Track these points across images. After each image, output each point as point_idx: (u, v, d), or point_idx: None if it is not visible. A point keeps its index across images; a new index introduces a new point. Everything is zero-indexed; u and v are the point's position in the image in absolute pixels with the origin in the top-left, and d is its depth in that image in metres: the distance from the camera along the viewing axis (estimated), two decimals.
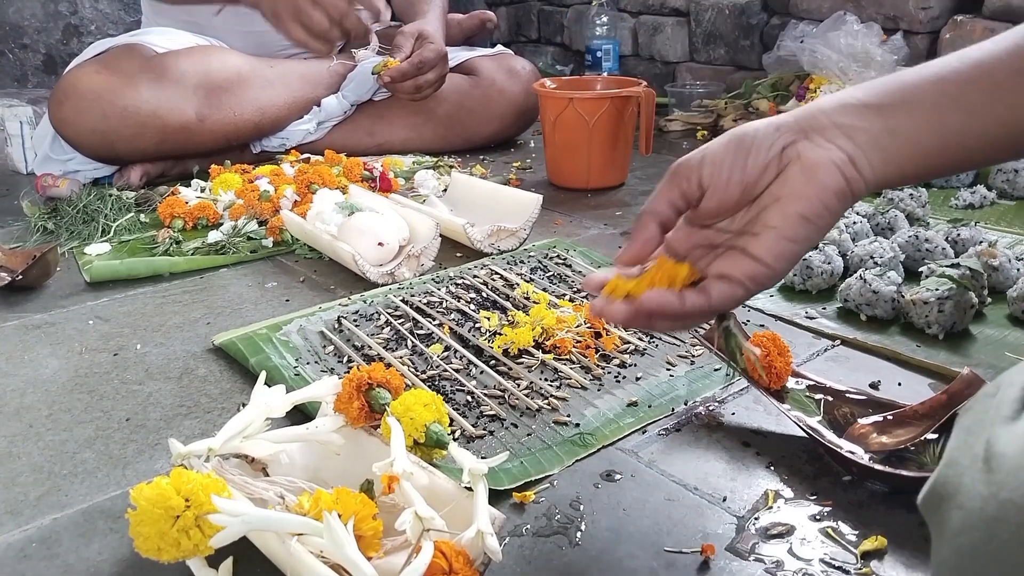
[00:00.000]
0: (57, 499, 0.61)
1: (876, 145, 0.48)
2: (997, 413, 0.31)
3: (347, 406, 0.58)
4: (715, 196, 0.50)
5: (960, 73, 0.47)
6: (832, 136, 0.48)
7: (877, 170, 0.48)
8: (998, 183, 1.21)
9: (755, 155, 0.49)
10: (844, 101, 0.49)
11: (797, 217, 0.48)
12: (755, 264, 0.49)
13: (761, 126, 0.50)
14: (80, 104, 1.28)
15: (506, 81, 1.60)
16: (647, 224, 0.52)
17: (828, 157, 0.48)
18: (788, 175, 0.49)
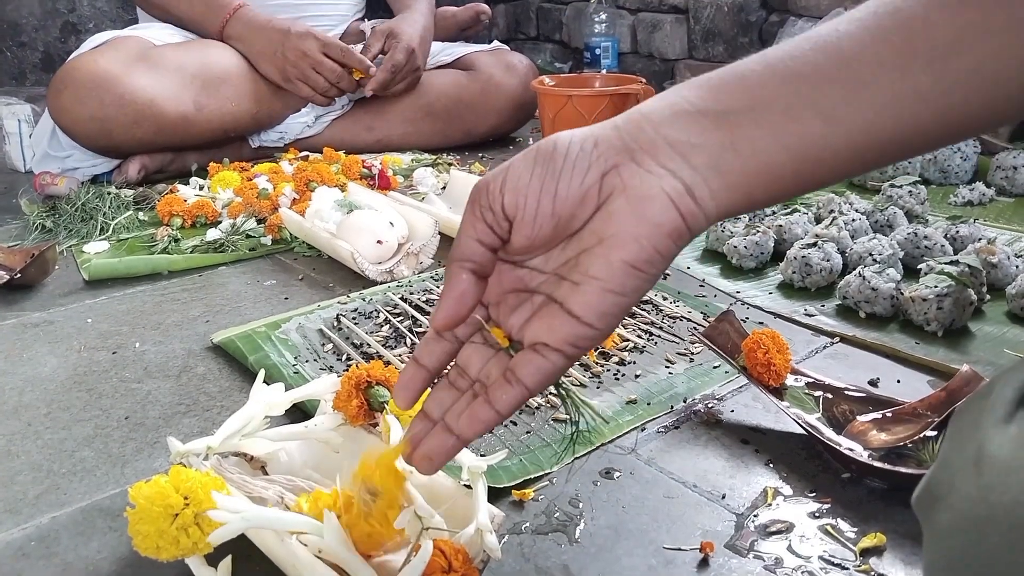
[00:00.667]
0: (56, 497, 0.61)
1: (717, 168, 0.38)
2: (990, 415, 0.30)
3: (346, 404, 0.58)
4: (522, 230, 0.41)
5: (816, 67, 0.38)
6: (664, 158, 0.39)
7: (719, 198, 0.39)
8: (997, 180, 1.21)
9: (567, 180, 0.40)
10: (676, 108, 0.40)
11: (624, 266, 0.38)
12: (575, 325, 0.39)
13: (576, 140, 0.40)
14: (78, 92, 1.28)
15: (503, 76, 1.61)
16: (456, 275, 0.42)
17: (659, 187, 0.38)
18: (612, 210, 0.39)
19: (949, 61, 0.35)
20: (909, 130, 0.37)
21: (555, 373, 0.41)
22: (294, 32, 1.43)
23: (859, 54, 0.37)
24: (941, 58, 0.35)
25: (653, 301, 0.89)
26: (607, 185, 0.39)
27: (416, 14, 1.59)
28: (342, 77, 1.46)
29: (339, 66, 1.45)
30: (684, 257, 1.04)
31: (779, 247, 1.01)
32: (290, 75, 1.45)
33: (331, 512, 0.45)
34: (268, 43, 1.44)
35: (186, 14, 1.50)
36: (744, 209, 0.40)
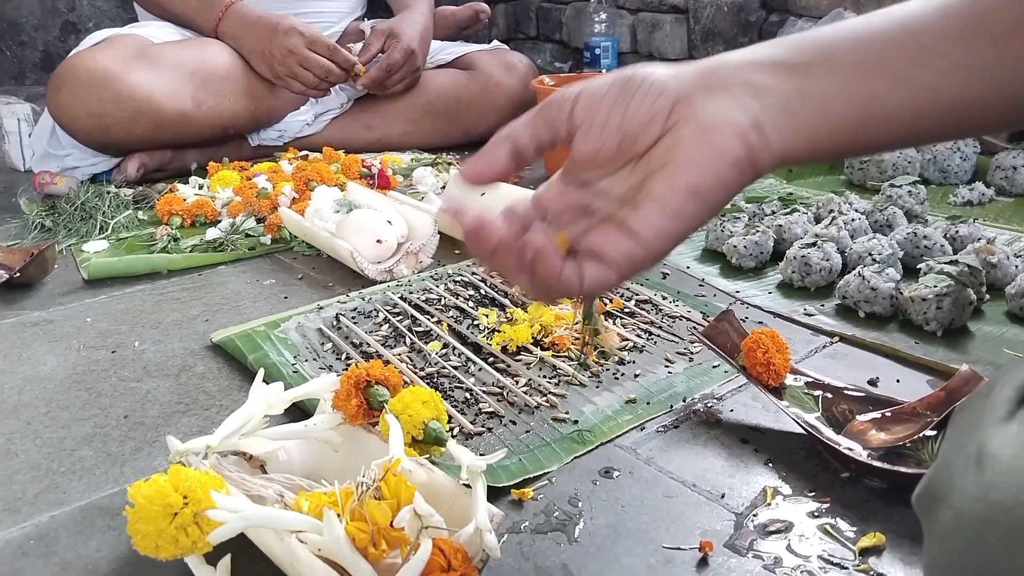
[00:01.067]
0: (55, 496, 0.61)
1: (787, 109, 0.40)
2: (991, 413, 0.30)
3: (345, 403, 0.58)
4: (588, 139, 0.43)
5: (884, 33, 0.40)
6: (737, 95, 0.40)
7: (785, 139, 0.40)
8: (996, 180, 1.21)
9: (640, 101, 0.41)
10: (755, 56, 0.42)
11: (685, 190, 0.40)
12: (632, 243, 0.41)
13: (656, 70, 0.42)
14: (77, 89, 1.28)
15: (503, 75, 1.61)
16: (499, 145, 0.45)
17: (729, 119, 0.40)
18: (680, 136, 0.40)
19: (1013, 38, 0.37)
20: (970, 99, 0.39)
21: (607, 285, 0.42)
22: (280, 28, 1.42)
23: (925, 24, 0.39)
24: (1006, 35, 0.37)
25: (652, 300, 0.89)
26: (677, 111, 0.41)
27: (416, 14, 1.59)
28: (330, 72, 1.44)
29: (326, 61, 1.43)
30: (683, 257, 1.04)
31: (779, 247, 1.01)
32: (279, 72, 1.44)
33: (330, 511, 0.45)
34: (257, 40, 1.44)
35: (182, 11, 1.50)
36: (807, 156, 0.42)
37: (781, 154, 0.41)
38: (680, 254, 1.05)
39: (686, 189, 0.40)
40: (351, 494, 0.47)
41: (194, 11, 1.49)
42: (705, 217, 0.41)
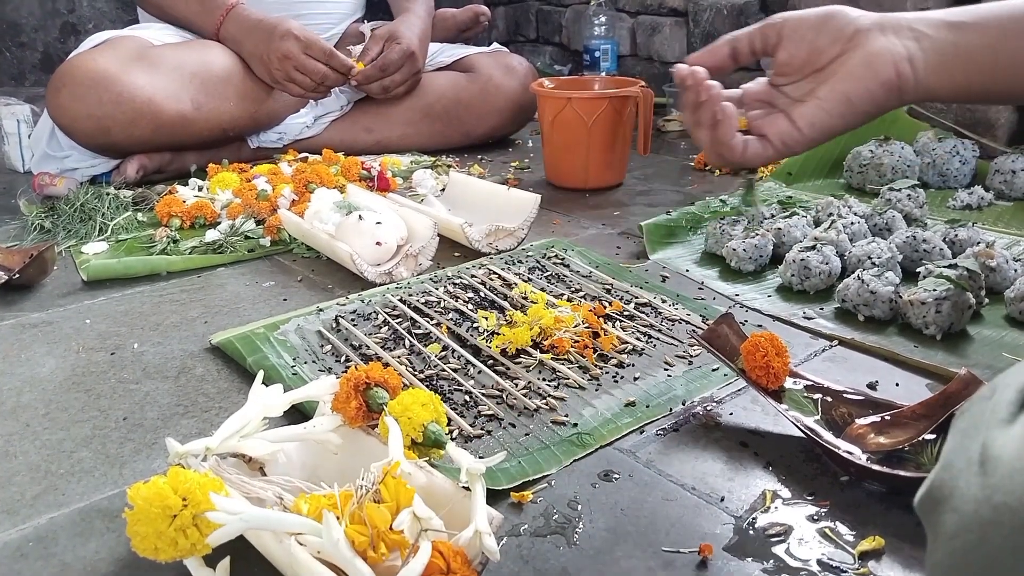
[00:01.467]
0: (54, 498, 0.61)
1: (939, 52, 0.54)
2: (993, 416, 0.30)
3: (345, 405, 0.58)
4: (786, 49, 0.58)
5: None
6: (904, 35, 0.55)
7: (931, 75, 0.54)
8: (996, 184, 1.21)
9: (830, 28, 0.57)
10: (927, 14, 0.56)
11: (841, 94, 0.55)
12: (790, 127, 0.57)
13: (850, 11, 0.57)
14: (77, 91, 1.28)
15: (503, 77, 1.61)
16: (722, 43, 0.61)
17: (889, 49, 0.55)
18: (850, 56, 0.55)
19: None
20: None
21: (764, 157, 0.60)
22: (277, 33, 1.41)
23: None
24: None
25: (652, 304, 0.89)
26: (855, 39, 0.56)
27: (414, 17, 1.59)
28: (326, 77, 1.44)
29: (322, 66, 1.43)
30: (683, 260, 1.04)
31: (778, 250, 1.01)
32: (276, 77, 1.44)
33: (330, 513, 0.45)
34: (255, 44, 1.43)
35: (183, 15, 1.50)
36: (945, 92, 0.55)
37: (926, 86, 0.55)
38: (680, 257, 1.05)
39: (841, 93, 0.55)
40: (350, 496, 0.47)
41: (196, 15, 1.49)
42: (852, 122, 0.56)
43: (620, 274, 0.98)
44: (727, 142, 0.59)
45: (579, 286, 0.94)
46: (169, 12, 1.52)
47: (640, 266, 1.02)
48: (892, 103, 0.55)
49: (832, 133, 0.57)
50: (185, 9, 1.49)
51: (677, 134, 1.77)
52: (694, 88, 0.59)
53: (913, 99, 0.56)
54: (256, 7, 1.48)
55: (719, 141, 0.59)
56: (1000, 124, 1.36)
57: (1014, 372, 0.32)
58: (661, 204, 1.28)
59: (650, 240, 1.09)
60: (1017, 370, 0.32)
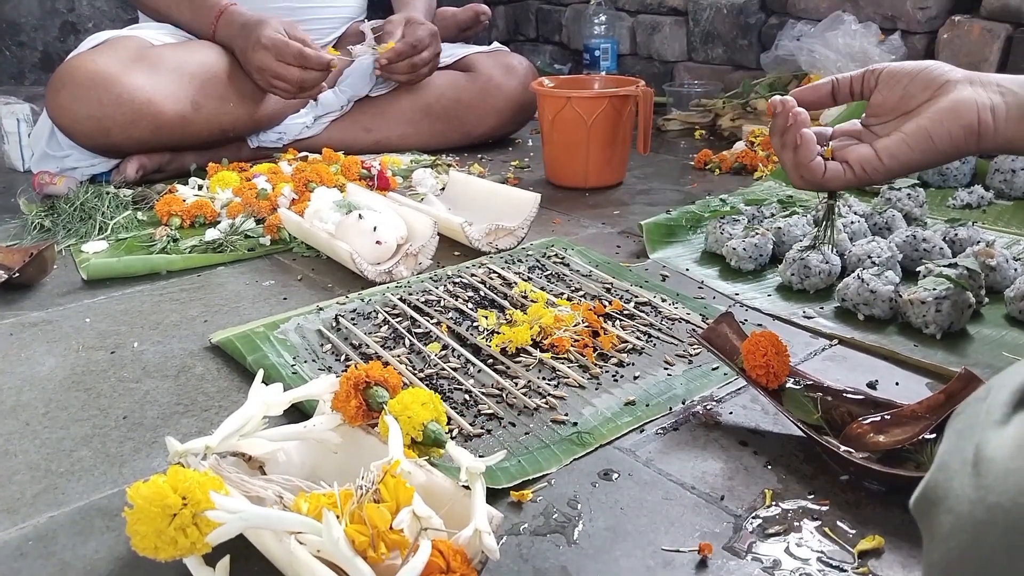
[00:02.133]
0: (54, 497, 0.61)
1: (1020, 106, 0.58)
2: (987, 417, 0.31)
3: (344, 404, 0.58)
4: (881, 92, 0.64)
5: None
6: (989, 89, 0.60)
7: (1010, 127, 0.58)
8: (995, 183, 1.21)
9: (924, 77, 0.62)
10: (1014, 76, 0.60)
11: (923, 130, 0.59)
12: (872, 155, 0.61)
13: (944, 65, 0.62)
14: (76, 91, 1.28)
15: (503, 77, 1.61)
16: (826, 82, 0.67)
17: (974, 98, 0.59)
18: (937, 101, 0.60)
19: None
20: None
21: (844, 181, 0.63)
22: (250, 44, 1.39)
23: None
24: None
25: (652, 303, 0.89)
26: (944, 88, 0.61)
27: (421, 7, 1.60)
28: (303, 81, 1.40)
29: (296, 71, 1.39)
30: (683, 259, 1.04)
31: (778, 249, 1.01)
32: (262, 86, 1.43)
33: (329, 512, 0.45)
34: (241, 52, 1.42)
35: (178, 20, 1.50)
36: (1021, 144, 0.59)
37: (1004, 135, 0.58)
38: (679, 256, 1.05)
39: (924, 130, 0.60)
40: (350, 495, 0.47)
41: (189, 22, 1.49)
42: (931, 157, 0.60)
43: (620, 273, 0.98)
44: (807, 163, 0.63)
45: (579, 285, 0.94)
46: (166, 17, 1.52)
47: (640, 265, 1.02)
48: (971, 147, 0.59)
49: (910, 166, 0.61)
50: (179, 15, 1.49)
51: (677, 133, 1.77)
52: (783, 114, 0.64)
53: (992, 146, 0.59)
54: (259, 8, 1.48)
55: (800, 163, 0.64)
56: None
57: (1009, 373, 0.32)
58: (661, 203, 1.28)
59: (650, 239, 1.09)
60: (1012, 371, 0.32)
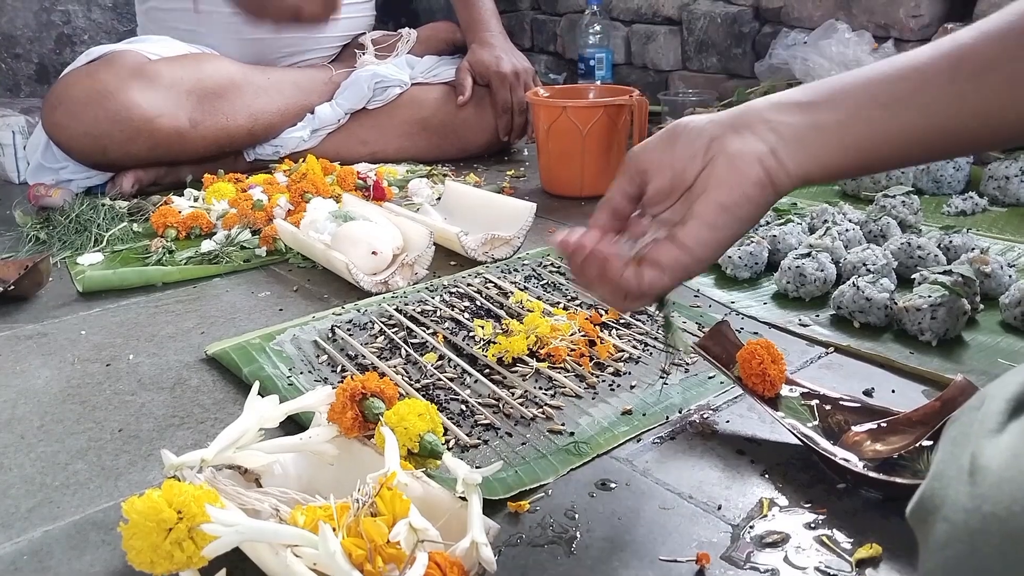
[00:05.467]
0: (49, 511, 0.61)
1: (799, 138, 0.51)
2: (982, 426, 0.31)
3: (341, 416, 0.58)
4: (652, 181, 0.54)
5: (887, 73, 0.50)
6: (759, 131, 0.51)
7: (799, 162, 0.51)
8: (990, 190, 1.22)
9: (684, 145, 0.53)
10: (777, 100, 0.52)
11: (717, 205, 0.51)
12: (679, 251, 0.52)
13: (696, 120, 0.53)
14: (73, 108, 1.28)
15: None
16: (600, 210, 0.57)
17: (751, 149, 0.51)
18: (714, 166, 0.51)
19: (987, 75, 0.47)
20: (954, 124, 0.49)
21: (661, 286, 0.54)
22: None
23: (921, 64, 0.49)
24: (980, 72, 0.47)
25: (648, 312, 0.89)
26: (712, 148, 0.52)
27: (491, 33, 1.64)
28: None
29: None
30: None
31: (773, 257, 1.01)
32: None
33: (326, 524, 0.45)
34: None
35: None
36: (819, 176, 0.52)
37: (796, 174, 0.51)
38: None
39: (718, 205, 0.51)
40: (347, 508, 0.47)
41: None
42: (738, 228, 0.52)
43: None
44: (617, 280, 0.54)
45: (575, 294, 0.94)
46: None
47: None
48: (771, 198, 0.52)
49: (723, 245, 0.52)
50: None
51: None
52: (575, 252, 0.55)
53: (790, 189, 0.52)
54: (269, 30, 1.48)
55: (610, 282, 0.54)
56: None
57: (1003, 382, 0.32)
58: None
59: None
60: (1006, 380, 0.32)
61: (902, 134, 0.49)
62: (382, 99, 1.58)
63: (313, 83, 1.56)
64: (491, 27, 1.65)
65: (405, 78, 1.59)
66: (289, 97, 1.52)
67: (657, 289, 0.53)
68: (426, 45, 1.73)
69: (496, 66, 1.57)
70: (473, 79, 1.57)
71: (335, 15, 1.57)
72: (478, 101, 1.60)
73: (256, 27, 1.51)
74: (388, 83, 1.57)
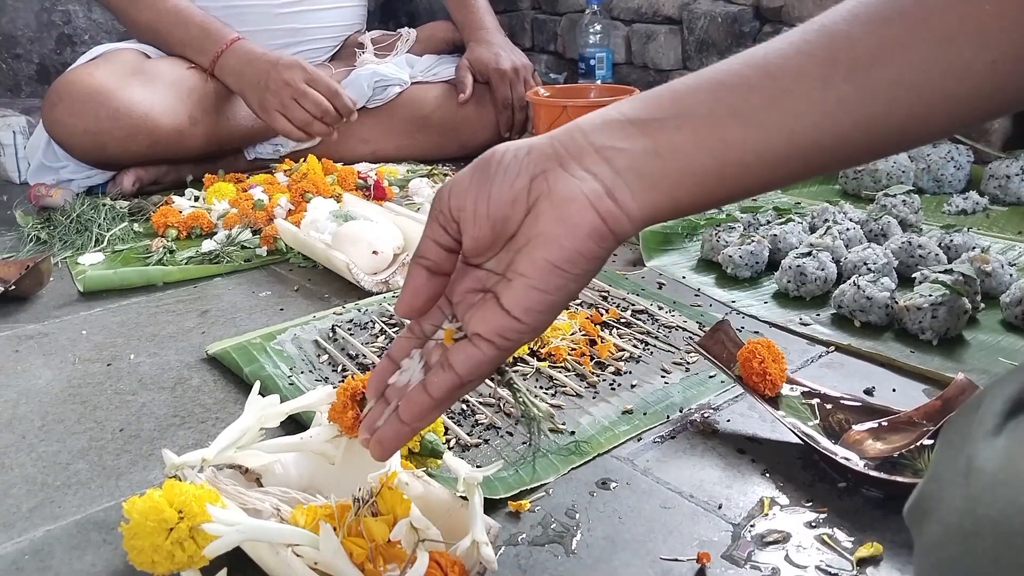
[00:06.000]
0: (50, 511, 0.61)
1: (638, 170, 0.40)
2: (979, 427, 0.31)
3: (341, 415, 0.58)
4: (467, 230, 0.43)
5: (741, 78, 0.39)
6: (588, 163, 0.41)
7: (642, 201, 0.40)
8: (990, 189, 1.22)
9: (499, 184, 0.42)
10: (607, 117, 0.42)
11: (546, 265, 0.40)
12: (504, 317, 0.42)
13: (511, 149, 0.43)
14: (73, 106, 1.28)
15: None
16: (414, 270, 0.45)
17: (580, 190, 0.40)
18: (538, 212, 0.41)
19: (871, 72, 0.37)
20: (831, 138, 0.38)
21: (485, 363, 0.43)
22: (283, 62, 1.35)
23: (782, 66, 0.38)
24: (863, 69, 0.37)
25: (649, 311, 0.89)
26: (535, 189, 0.41)
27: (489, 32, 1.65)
28: (326, 112, 1.36)
29: (324, 100, 1.35)
30: (679, 267, 1.04)
31: (774, 256, 1.01)
32: (268, 105, 1.35)
33: (327, 524, 0.45)
34: (256, 74, 1.36)
35: (180, 40, 1.44)
36: (669, 212, 0.41)
37: (640, 215, 0.41)
38: (676, 264, 1.05)
39: (546, 264, 0.40)
40: (348, 507, 0.47)
41: (194, 40, 1.42)
42: (574, 288, 0.42)
43: (616, 281, 0.98)
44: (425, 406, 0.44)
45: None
46: (164, 36, 1.45)
47: (636, 273, 1.02)
48: (611, 247, 0.41)
49: (556, 308, 0.42)
50: (184, 34, 1.43)
51: None
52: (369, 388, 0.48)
53: (634, 232, 0.42)
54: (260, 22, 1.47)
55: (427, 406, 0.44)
56: (994, 129, 1.36)
57: (1001, 383, 0.32)
58: None
59: (646, 247, 1.09)
60: (1004, 381, 0.32)
61: (767, 153, 0.39)
62: (382, 98, 1.58)
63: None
64: (487, 25, 1.65)
65: (405, 77, 1.59)
66: None
67: (483, 368, 0.43)
68: (426, 44, 1.73)
69: (495, 63, 1.56)
70: (473, 77, 1.57)
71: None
72: (478, 99, 1.60)
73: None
74: (388, 82, 1.57)
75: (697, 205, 0.41)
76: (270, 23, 1.51)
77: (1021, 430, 0.29)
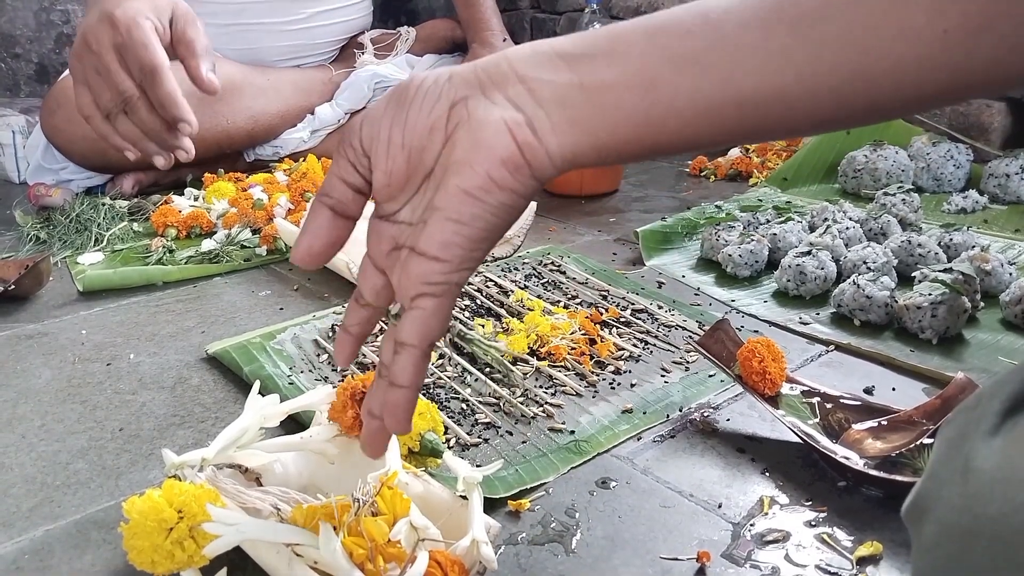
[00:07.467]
0: (50, 510, 0.61)
1: (561, 102, 0.37)
2: (977, 427, 0.31)
3: (341, 415, 0.58)
4: (378, 165, 0.40)
5: (680, 23, 0.37)
6: (511, 91, 0.38)
7: (562, 136, 0.38)
8: (990, 188, 1.22)
9: (416, 110, 0.39)
10: (537, 49, 0.39)
11: (459, 192, 0.37)
12: (424, 263, 0.38)
13: (431, 76, 0.40)
14: (72, 113, 1.28)
15: None
16: (314, 211, 0.42)
17: (499, 116, 0.37)
18: (456, 140, 0.38)
19: (816, 26, 0.35)
20: (770, 90, 0.36)
21: (430, 317, 0.39)
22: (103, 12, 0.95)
23: (723, 15, 0.36)
24: (808, 23, 0.35)
25: (648, 310, 0.89)
26: (454, 116, 0.38)
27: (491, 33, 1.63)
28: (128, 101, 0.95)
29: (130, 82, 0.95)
30: (679, 266, 1.04)
31: (773, 255, 1.01)
32: (74, 71, 0.97)
33: (326, 524, 0.45)
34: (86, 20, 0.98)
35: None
36: (591, 154, 0.38)
37: (559, 153, 0.38)
38: (675, 263, 1.05)
39: (458, 191, 0.38)
40: (348, 507, 0.47)
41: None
42: (492, 219, 0.38)
43: (616, 280, 0.98)
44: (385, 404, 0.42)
45: (575, 293, 0.94)
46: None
47: (636, 272, 1.03)
48: (528, 184, 0.38)
49: (476, 242, 0.38)
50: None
51: None
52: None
53: (553, 173, 0.39)
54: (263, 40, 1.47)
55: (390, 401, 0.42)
56: (994, 128, 1.36)
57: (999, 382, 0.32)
58: (657, 210, 1.28)
59: (646, 246, 1.09)
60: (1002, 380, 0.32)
61: (701, 101, 0.36)
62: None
63: (313, 84, 1.56)
64: (492, 26, 1.65)
65: (405, 77, 1.59)
66: (289, 98, 1.52)
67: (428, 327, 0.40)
68: (426, 43, 1.73)
69: None
70: None
71: None
72: None
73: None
74: (388, 83, 1.57)
75: (622, 151, 0.38)
76: (276, 40, 1.51)
77: (1019, 429, 0.29)
